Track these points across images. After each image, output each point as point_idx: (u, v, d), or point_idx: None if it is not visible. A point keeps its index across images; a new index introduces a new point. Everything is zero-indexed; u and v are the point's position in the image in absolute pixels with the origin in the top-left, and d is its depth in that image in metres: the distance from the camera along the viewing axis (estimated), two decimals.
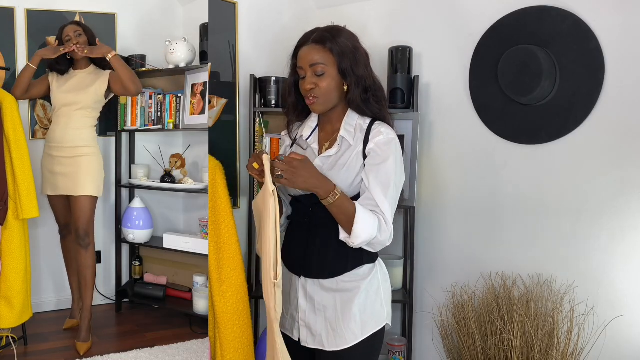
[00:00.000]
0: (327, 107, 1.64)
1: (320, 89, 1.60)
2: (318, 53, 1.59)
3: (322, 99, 1.61)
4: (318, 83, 1.60)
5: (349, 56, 1.59)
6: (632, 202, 2.19)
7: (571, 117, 2.29)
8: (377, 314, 1.66)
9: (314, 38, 1.61)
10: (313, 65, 1.59)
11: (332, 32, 1.61)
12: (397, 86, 2.58)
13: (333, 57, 1.59)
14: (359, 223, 1.53)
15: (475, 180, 2.55)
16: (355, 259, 1.64)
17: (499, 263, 2.49)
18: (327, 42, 1.58)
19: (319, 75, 1.59)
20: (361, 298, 1.63)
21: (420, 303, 2.71)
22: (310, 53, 1.60)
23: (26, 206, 2.64)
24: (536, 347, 2.16)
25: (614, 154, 2.22)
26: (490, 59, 2.46)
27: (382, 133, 1.61)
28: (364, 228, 1.53)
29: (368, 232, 1.54)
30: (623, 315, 2.21)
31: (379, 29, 2.79)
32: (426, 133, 2.66)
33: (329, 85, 1.60)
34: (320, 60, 1.58)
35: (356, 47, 1.62)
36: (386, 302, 1.69)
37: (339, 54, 1.58)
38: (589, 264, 2.28)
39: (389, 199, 1.57)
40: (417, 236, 2.65)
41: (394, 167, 1.59)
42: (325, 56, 1.59)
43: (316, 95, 1.61)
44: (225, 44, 2.69)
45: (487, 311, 2.34)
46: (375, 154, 1.59)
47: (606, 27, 2.21)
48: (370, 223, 1.53)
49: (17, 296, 2.67)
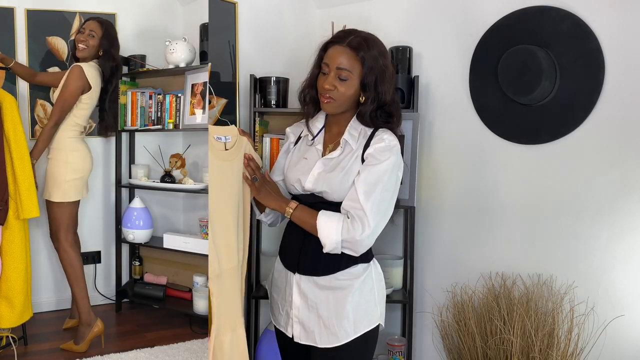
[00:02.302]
0: (338, 110, 1.65)
1: (339, 92, 1.61)
2: (349, 59, 1.59)
3: (337, 102, 1.63)
4: (338, 87, 1.60)
5: (376, 72, 1.59)
6: (632, 202, 2.19)
7: (571, 117, 2.29)
8: (370, 313, 1.67)
9: (349, 42, 1.60)
10: (340, 68, 1.59)
11: (368, 43, 1.60)
12: (397, 86, 2.57)
13: (361, 68, 1.59)
14: (321, 230, 1.58)
15: (475, 180, 2.55)
16: (349, 258, 1.64)
17: (499, 263, 2.49)
18: (361, 51, 1.58)
19: (342, 79, 1.60)
20: (354, 296, 1.64)
21: (420, 303, 2.71)
22: (341, 55, 1.60)
23: (26, 206, 2.64)
24: (536, 347, 2.16)
25: (614, 154, 2.22)
26: (490, 59, 2.46)
27: (384, 140, 1.61)
28: (327, 235, 1.57)
29: (331, 238, 1.57)
30: (623, 315, 2.21)
31: (379, 29, 2.78)
32: (426, 133, 2.66)
33: (348, 92, 1.61)
34: (348, 67, 1.59)
35: (386, 65, 1.63)
36: (379, 302, 1.70)
37: (369, 67, 1.59)
38: (589, 264, 2.28)
39: (374, 200, 1.56)
40: (417, 236, 2.65)
41: (388, 171, 1.58)
42: (354, 64, 1.59)
43: (333, 97, 1.62)
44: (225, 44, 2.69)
45: (487, 311, 2.34)
46: (372, 158, 1.60)
47: (606, 27, 2.21)
48: (332, 228, 1.57)
49: (17, 296, 2.67)
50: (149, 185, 3.36)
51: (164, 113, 3.36)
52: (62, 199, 2.84)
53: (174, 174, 3.36)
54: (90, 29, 2.92)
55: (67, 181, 2.84)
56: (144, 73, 3.39)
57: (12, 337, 2.69)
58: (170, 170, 3.36)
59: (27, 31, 3.29)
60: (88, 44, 2.90)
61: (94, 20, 2.96)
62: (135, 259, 3.59)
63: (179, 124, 3.30)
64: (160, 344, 2.92)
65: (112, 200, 3.55)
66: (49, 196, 2.84)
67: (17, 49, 3.28)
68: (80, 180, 2.91)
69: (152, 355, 2.79)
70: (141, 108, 3.42)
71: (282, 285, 1.76)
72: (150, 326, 3.24)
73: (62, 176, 2.84)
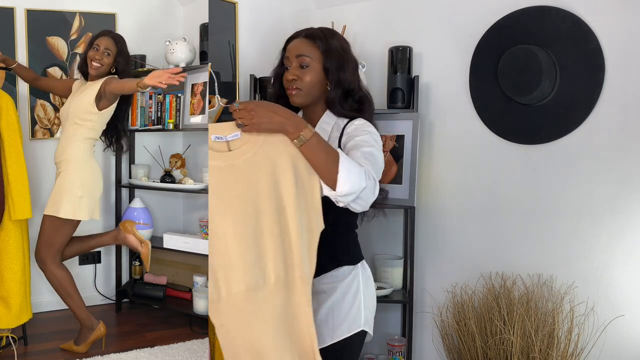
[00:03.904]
0: (306, 100, 1.62)
1: (303, 81, 1.59)
2: (306, 46, 1.60)
3: (304, 91, 1.60)
4: (301, 76, 1.59)
5: (335, 56, 1.60)
6: (632, 202, 2.19)
7: (571, 117, 2.29)
8: (352, 319, 1.58)
9: (305, 33, 1.63)
10: (299, 56, 1.60)
11: (324, 32, 1.63)
12: (397, 86, 2.58)
13: (320, 54, 1.60)
14: (343, 170, 1.33)
15: (475, 180, 2.55)
16: (333, 260, 1.59)
17: (499, 263, 2.48)
18: (317, 40, 1.60)
19: (303, 67, 1.59)
20: (334, 300, 1.58)
21: (420, 303, 2.71)
22: (299, 45, 1.61)
23: (18, 207, 2.62)
24: (536, 347, 2.16)
25: (614, 154, 2.22)
26: (490, 59, 2.46)
27: (355, 123, 1.58)
28: (348, 175, 1.33)
29: (354, 179, 1.33)
30: (623, 315, 2.21)
31: (379, 29, 2.79)
32: (426, 133, 2.66)
33: (312, 79, 1.60)
34: (306, 53, 1.59)
35: (345, 50, 1.62)
36: (366, 307, 1.61)
37: (326, 51, 1.59)
38: (589, 264, 2.28)
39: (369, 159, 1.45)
40: (417, 236, 2.65)
41: (373, 140, 1.52)
42: (312, 51, 1.60)
43: (298, 87, 1.60)
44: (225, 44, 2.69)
45: (487, 311, 2.34)
46: (349, 136, 1.55)
47: (606, 27, 2.21)
48: (356, 169, 1.35)
49: (14, 297, 2.66)
50: (149, 185, 3.36)
51: (164, 113, 3.36)
52: (72, 215, 2.67)
53: (174, 174, 3.36)
54: (104, 46, 2.78)
55: (81, 197, 2.69)
56: (144, 73, 3.39)
57: (12, 337, 2.69)
58: (170, 170, 3.36)
59: (27, 31, 3.29)
60: (103, 62, 2.78)
61: (107, 37, 2.81)
62: (135, 259, 3.59)
63: (179, 124, 3.30)
64: (160, 344, 2.92)
65: (112, 200, 3.55)
66: (55, 212, 2.65)
67: (17, 49, 3.28)
68: (92, 199, 2.76)
69: (152, 355, 2.79)
70: (141, 108, 3.42)
71: None
72: (150, 326, 3.24)
73: (74, 191, 2.68)
